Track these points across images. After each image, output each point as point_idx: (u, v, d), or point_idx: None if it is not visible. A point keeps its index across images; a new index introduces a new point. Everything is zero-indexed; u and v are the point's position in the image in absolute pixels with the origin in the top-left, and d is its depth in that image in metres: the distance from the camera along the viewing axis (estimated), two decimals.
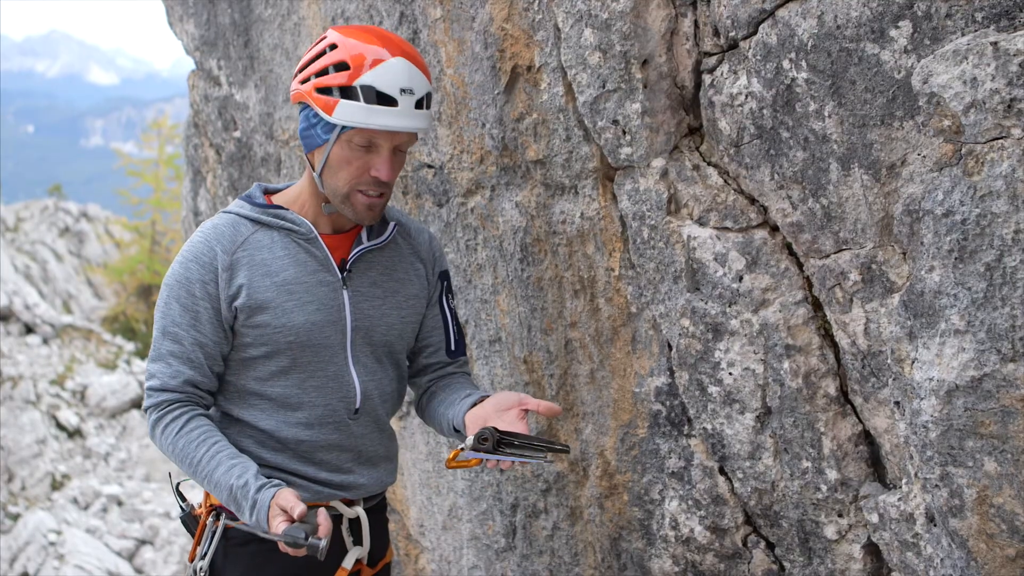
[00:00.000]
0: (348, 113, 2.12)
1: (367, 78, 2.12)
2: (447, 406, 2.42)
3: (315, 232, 2.29)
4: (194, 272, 2.22)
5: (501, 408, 2.22)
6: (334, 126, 2.16)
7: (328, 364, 2.30)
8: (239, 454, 2.19)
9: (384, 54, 2.14)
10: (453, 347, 2.55)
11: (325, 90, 2.15)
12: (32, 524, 14.57)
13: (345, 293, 2.31)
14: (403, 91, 2.13)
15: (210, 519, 2.33)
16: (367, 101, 2.11)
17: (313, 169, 2.25)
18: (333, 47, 2.18)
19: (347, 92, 2.13)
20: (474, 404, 2.31)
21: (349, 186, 2.20)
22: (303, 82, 2.21)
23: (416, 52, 2.24)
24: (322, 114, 2.15)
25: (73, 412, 18.64)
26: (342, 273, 2.31)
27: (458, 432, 2.36)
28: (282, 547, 2.03)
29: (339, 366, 2.32)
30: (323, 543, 1.98)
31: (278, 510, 2.05)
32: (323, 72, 2.17)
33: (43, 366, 19.62)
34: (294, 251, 2.27)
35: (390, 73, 2.13)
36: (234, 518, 2.28)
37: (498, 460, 2.11)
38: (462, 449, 2.12)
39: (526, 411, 2.21)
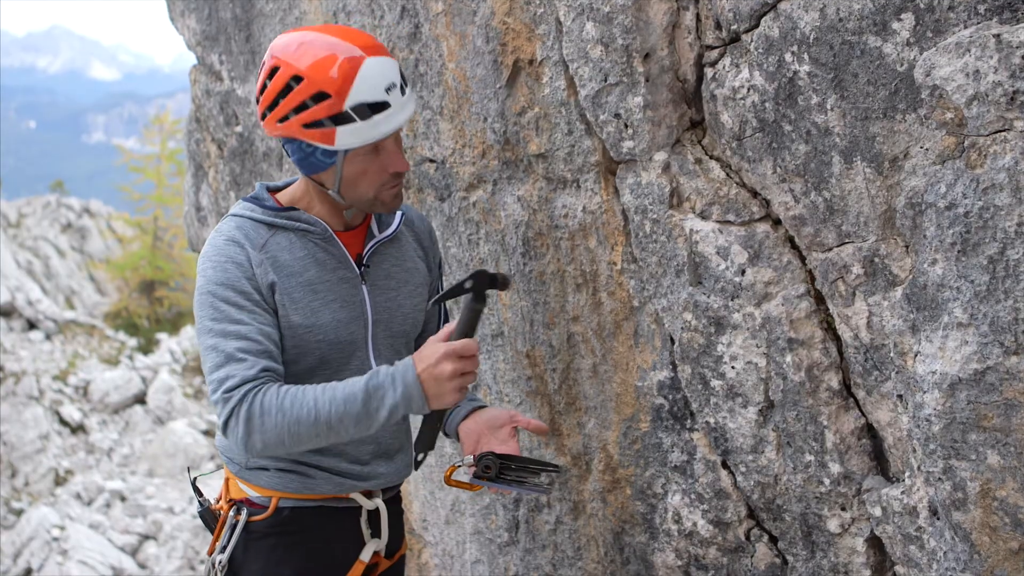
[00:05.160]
0: (351, 137, 2.09)
1: (352, 97, 2.07)
2: None
3: (331, 231, 2.29)
4: (232, 271, 2.15)
5: (494, 426, 2.35)
6: (336, 151, 2.14)
7: (351, 359, 2.32)
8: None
9: (352, 62, 2.08)
10: None
11: (314, 124, 2.10)
12: (35, 519, 14.61)
13: (364, 288, 2.33)
14: (388, 89, 2.11)
15: (231, 512, 2.34)
16: (363, 118, 2.08)
17: (323, 187, 2.24)
18: (297, 78, 2.09)
19: (339, 119, 2.08)
20: (467, 414, 2.42)
21: (375, 191, 2.21)
22: (280, 120, 2.13)
23: (375, 40, 2.18)
24: (322, 146, 2.12)
25: (76, 408, 18.68)
26: (359, 268, 2.33)
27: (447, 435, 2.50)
28: (453, 352, 2.04)
29: (361, 360, 2.33)
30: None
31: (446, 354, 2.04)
32: (302, 107, 2.10)
33: (46, 362, 19.66)
34: (313, 251, 2.28)
35: (370, 80, 2.08)
36: (256, 512, 2.29)
37: (500, 489, 2.23)
38: (458, 466, 2.29)
39: (516, 428, 2.34)
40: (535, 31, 2.59)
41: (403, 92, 2.16)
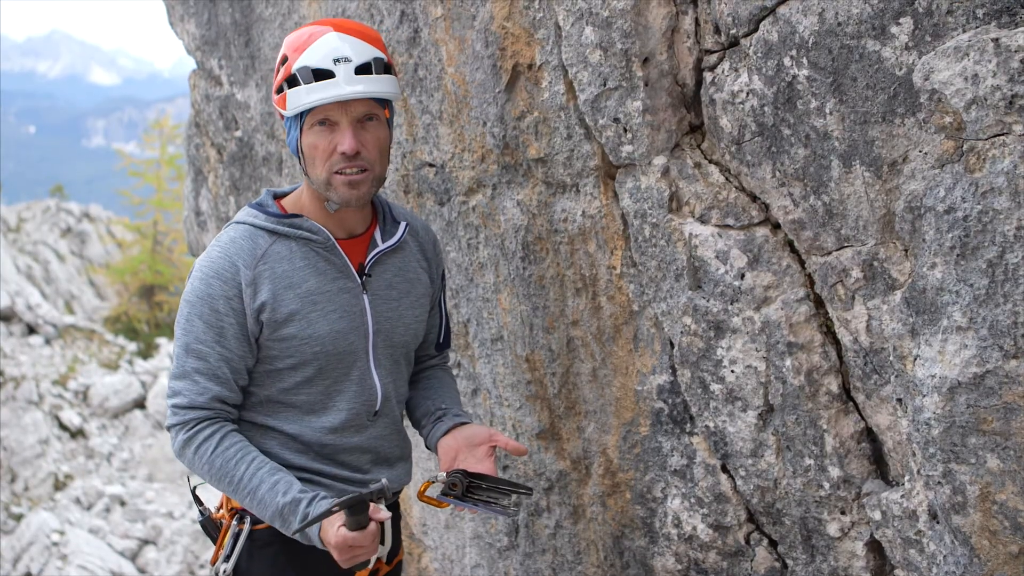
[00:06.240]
0: (295, 100, 2.17)
1: (300, 61, 2.17)
2: (422, 413, 2.54)
3: (333, 240, 2.29)
4: (216, 288, 2.20)
5: (472, 443, 2.34)
6: (295, 120, 2.21)
7: (352, 369, 2.31)
8: (279, 469, 2.20)
9: (316, 34, 2.19)
10: (441, 341, 2.64)
11: (279, 89, 2.22)
12: (35, 524, 14.57)
13: (365, 297, 2.32)
14: (337, 60, 2.15)
15: (233, 522, 2.33)
16: (306, 82, 2.16)
17: (305, 172, 2.26)
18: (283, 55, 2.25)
19: (290, 81, 2.19)
20: (447, 430, 2.41)
21: (326, 171, 2.20)
22: (275, 94, 2.26)
23: (360, 26, 2.27)
24: (283, 112, 2.21)
25: (75, 412, 18.65)
26: (361, 278, 2.32)
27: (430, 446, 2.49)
28: (333, 545, 2.05)
29: (362, 370, 2.33)
30: (383, 481, 2.02)
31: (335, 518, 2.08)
32: (276, 74, 2.24)
33: (45, 366, 19.63)
34: (313, 260, 2.27)
35: (321, 49, 2.17)
36: (259, 520, 2.28)
37: (466, 508, 2.24)
38: (432, 482, 2.28)
39: (494, 447, 2.33)
40: (534, 35, 2.59)
41: (361, 71, 2.17)
